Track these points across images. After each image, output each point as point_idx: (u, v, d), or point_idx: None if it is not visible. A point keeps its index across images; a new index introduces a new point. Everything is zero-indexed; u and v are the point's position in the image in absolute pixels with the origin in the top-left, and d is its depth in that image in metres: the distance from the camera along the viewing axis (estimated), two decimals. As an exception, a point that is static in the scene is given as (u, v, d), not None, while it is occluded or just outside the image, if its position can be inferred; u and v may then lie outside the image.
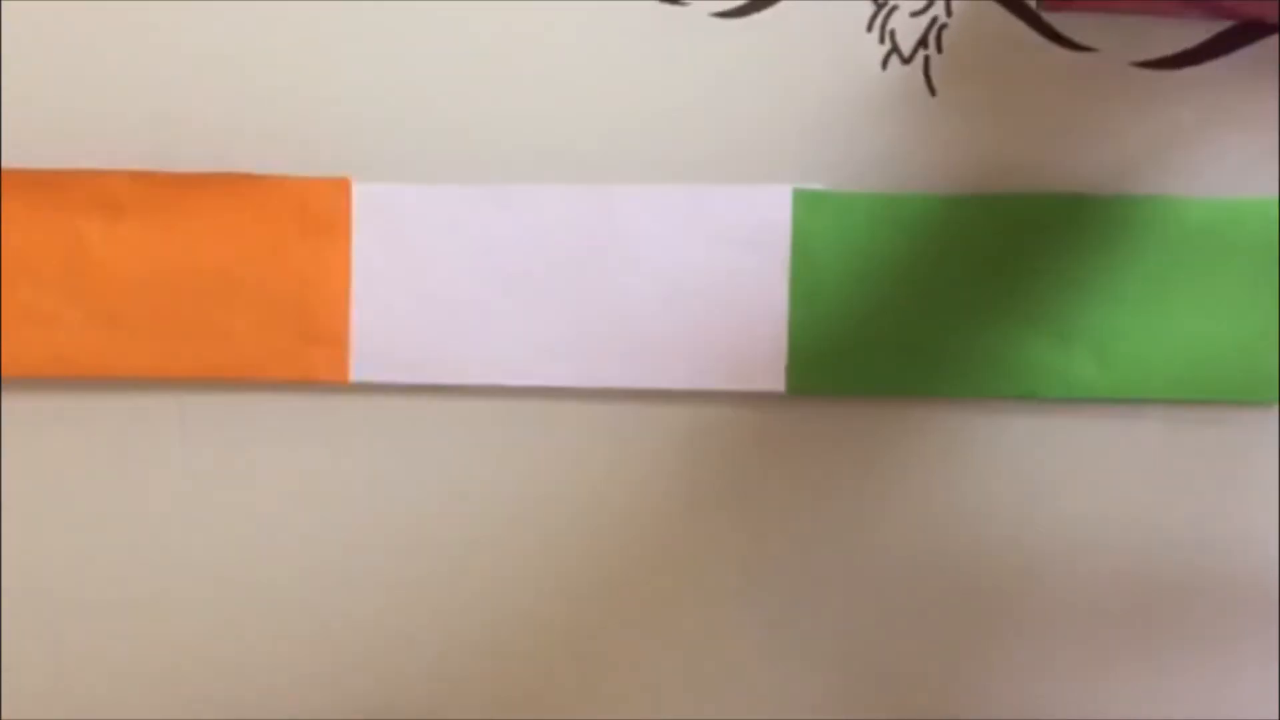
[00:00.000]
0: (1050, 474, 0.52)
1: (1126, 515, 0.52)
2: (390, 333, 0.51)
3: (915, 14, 0.52)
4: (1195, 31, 0.52)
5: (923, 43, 0.52)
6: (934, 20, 0.52)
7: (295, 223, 0.52)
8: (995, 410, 0.52)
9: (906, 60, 0.53)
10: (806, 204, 0.51)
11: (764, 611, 0.52)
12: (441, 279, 0.52)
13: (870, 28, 0.53)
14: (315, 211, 0.52)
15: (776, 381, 0.51)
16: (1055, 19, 0.52)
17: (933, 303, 0.51)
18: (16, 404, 0.52)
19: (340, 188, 0.52)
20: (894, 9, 0.52)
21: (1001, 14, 0.52)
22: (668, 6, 0.53)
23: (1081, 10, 0.52)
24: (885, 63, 0.53)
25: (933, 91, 0.52)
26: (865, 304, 0.51)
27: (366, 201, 0.52)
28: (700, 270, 0.51)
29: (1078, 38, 0.52)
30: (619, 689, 0.53)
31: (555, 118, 0.53)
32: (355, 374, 0.52)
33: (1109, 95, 0.52)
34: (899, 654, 0.52)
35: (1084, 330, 0.51)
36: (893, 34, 0.52)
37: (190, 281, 0.52)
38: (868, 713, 0.51)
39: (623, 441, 0.52)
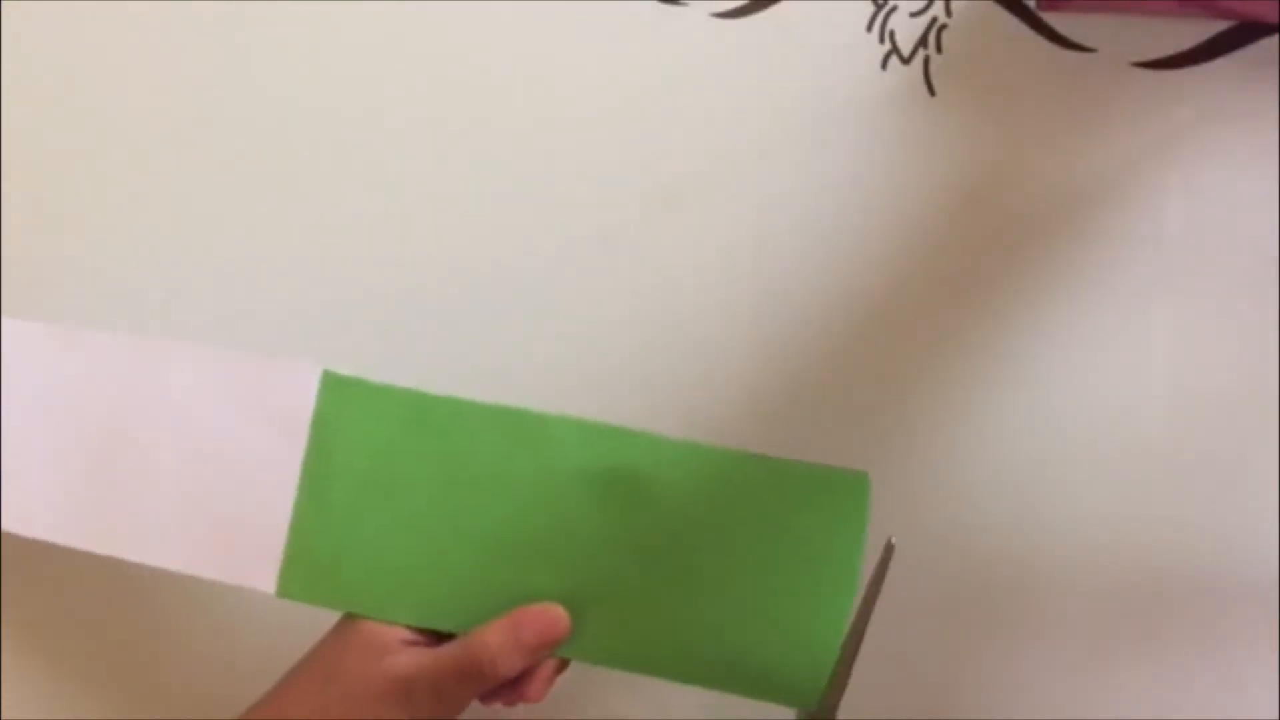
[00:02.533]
0: (1051, 474, 0.52)
1: (1126, 515, 0.52)
2: None
3: (915, 14, 0.53)
4: (1195, 31, 0.52)
5: (923, 43, 0.53)
6: (934, 20, 0.52)
7: None
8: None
9: (906, 60, 0.53)
10: (335, 390, 0.46)
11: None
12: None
13: (870, 28, 0.53)
14: None
15: (268, 581, 0.46)
16: (1055, 19, 0.52)
17: (449, 523, 0.46)
18: None
19: None
20: (894, 9, 0.53)
21: (1001, 14, 0.52)
22: (668, 6, 0.53)
23: (1080, 11, 0.52)
24: (885, 63, 0.53)
25: (933, 91, 0.53)
26: (376, 513, 0.46)
27: None
28: (217, 443, 0.46)
29: (1077, 38, 0.52)
30: (619, 688, 0.53)
31: (555, 117, 0.53)
32: None
33: (1109, 95, 0.52)
34: (899, 654, 0.52)
35: (600, 589, 0.45)
36: (893, 34, 0.53)
37: None
38: (868, 713, 0.51)
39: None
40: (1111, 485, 0.52)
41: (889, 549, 0.45)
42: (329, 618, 0.47)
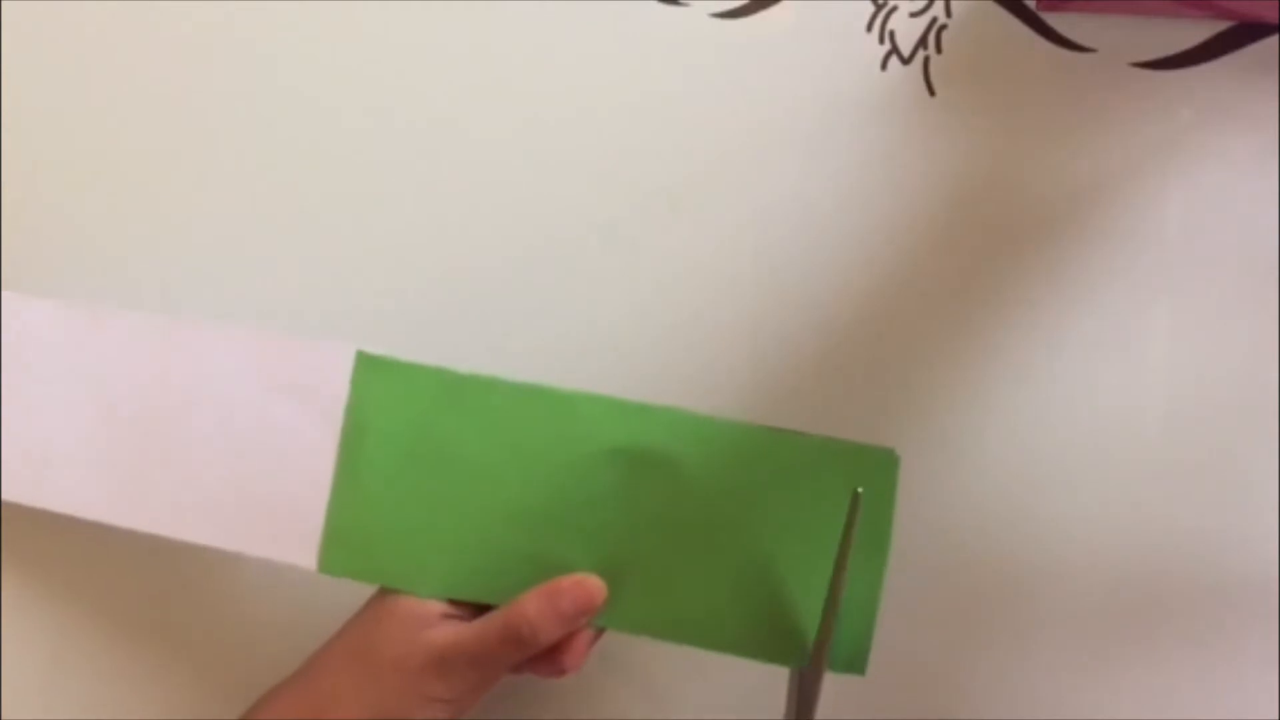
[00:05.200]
0: (1051, 474, 0.52)
1: (1126, 515, 0.52)
2: None
3: (915, 14, 0.53)
4: (1195, 31, 0.52)
5: (922, 43, 0.53)
6: (934, 21, 0.53)
7: None
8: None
9: (906, 60, 0.53)
10: (368, 369, 0.47)
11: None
12: (29, 397, 0.49)
13: (870, 28, 0.53)
14: None
15: (309, 557, 0.47)
16: (1055, 19, 0.52)
17: (482, 498, 0.47)
18: None
19: None
20: (894, 9, 0.53)
21: (1001, 14, 0.52)
22: (668, 6, 0.53)
23: (1080, 11, 0.52)
24: (885, 63, 0.53)
25: (932, 92, 0.53)
26: (413, 489, 0.47)
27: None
28: (253, 423, 0.47)
29: (1077, 38, 0.52)
30: (621, 689, 0.53)
31: (555, 116, 0.53)
32: None
33: (1109, 95, 0.52)
34: (900, 654, 0.52)
35: (631, 561, 0.46)
36: (892, 34, 0.53)
37: None
38: (869, 713, 0.51)
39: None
40: (1111, 485, 0.52)
41: (856, 498, 0.45)
42: (337, 613, 0.47)
